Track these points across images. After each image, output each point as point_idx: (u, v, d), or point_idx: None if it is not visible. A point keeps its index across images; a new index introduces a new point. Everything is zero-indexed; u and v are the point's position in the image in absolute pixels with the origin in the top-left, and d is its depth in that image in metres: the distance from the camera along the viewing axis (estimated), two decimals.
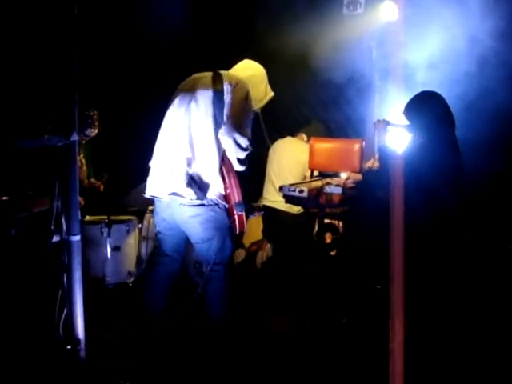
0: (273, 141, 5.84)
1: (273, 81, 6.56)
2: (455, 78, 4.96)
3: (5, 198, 3.01)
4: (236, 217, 3.28)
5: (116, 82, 6.30)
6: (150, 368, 3.12)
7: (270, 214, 5.53)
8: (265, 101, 3.54)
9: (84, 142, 5.15)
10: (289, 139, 5.63)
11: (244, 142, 3.18)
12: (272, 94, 3.57)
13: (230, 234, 3.33)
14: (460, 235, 4.55)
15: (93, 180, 5.32)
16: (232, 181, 3.25)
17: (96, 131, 5.05)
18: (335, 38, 5.82)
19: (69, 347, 2.63)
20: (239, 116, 3.18)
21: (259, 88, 3.46)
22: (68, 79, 2.59)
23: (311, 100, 7.06)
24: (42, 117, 4.93)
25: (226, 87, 3.22)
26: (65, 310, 2.67)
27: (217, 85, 3.22)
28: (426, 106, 3.66)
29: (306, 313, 4.24)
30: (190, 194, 3.20)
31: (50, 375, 2.58)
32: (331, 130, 6.52)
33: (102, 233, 4.54)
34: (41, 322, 2.83)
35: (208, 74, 3.35)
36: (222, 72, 3.37)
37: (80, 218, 2.72)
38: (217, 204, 3.27)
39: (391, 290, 3.38)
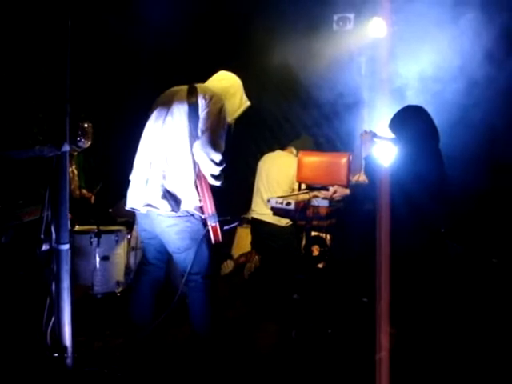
0: (262, 154, 5.93)
1: (264, 95, 6.71)
2: (442, 94, 5.06)
3: None
4: (210, 228, 3.32)
5: (108, 94, 6.38)
6: (136, 375, 3.16)
7: (259, 226, 5.58)
8: (240, 110, 3.55)
9: (76, 153, 5.20)
10: (278, 153, 5.71)
11: (217, 158, 3.19)
12: (248, 103, 3.58)
13: (206, 244, 3.37)
14: (445, 245, 4.64)
15: (84, 191, 5.36)
16: (205, 193, 3.27)
17: (89, 143, 5.10)
18: (325, 54, 5.93)
19: (56, 355, 2.67)
20: (213, 131, 3.20)
21: (235, 98, 3.49)
22: (60, 91, 2.65)
23: (301, 114, 7.18)
24: (33, 127, 5.02)
25: (201, 101, 3.25)
26: (53, 318, 2.71)
27: (191, 98, 3.26)
28: (411, 120, 3.75)
29: (292, 323, 4.29)
30: (164, 206, 3.25)
31: (37, 382, 2.61)
32: (321, 145, 6.63)
33: (91, 242, 4.57)
34: (29, 329, 2.85)
35: (184, 88, 3.39)
36: (198, 85, 3.40)
37: (69, 227, 2.77)
38: (192, 215, 3.31)
39: (378, 302, 3.44)
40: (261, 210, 5.48)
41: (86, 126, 5.01)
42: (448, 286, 4.15)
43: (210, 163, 3.21)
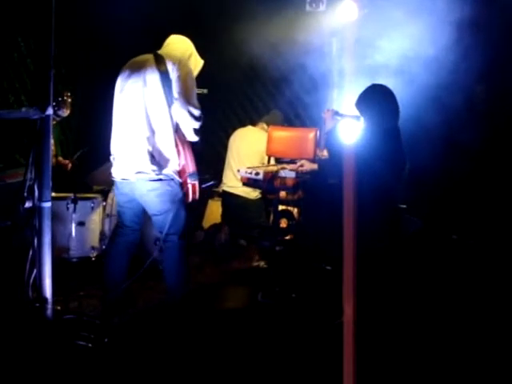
0: (234, 129, 6.13)
1: (236, 73, 6.89)
2: (410, 76, 5.26)
3: None
4: (190, 185, 3.59)
5: (83, 66, 6.50)
6: (113, 325, 3.36)
7: (229, 198, 5.81)
8: (198, 69, 3.80)
9: (55, 122, 5.33)
10: (249, 128, 5.91)
11: (197, 112, 3.50)
12: (202, 61, 3.82)
13: (183, 207, 3.63)
14: (405, 219, 4.88)
15: (60, 158, 5.50)
16: (187, 152, 3.56)
17: (68, 112, 5.25)
18: (298, 34, 6.10)
19: (37, 305, 2.87)
20: (188, 90, 3.49)
21: (191, 59, 3.74)
22: (44, 58, 2.82)
23: (273, 93, 7.38)
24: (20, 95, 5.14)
25: (171, 67, 3.49)
26: (34, 271, 2.90)
27: (161, 66, 3.50)
28: (376, 99, 3.93)
29: (258, 288, 4.54)
30: (154, 170, 3.49)
31: (20, 330, 2.79)
32: (291, 121, 6.87)
33: (67, 208, 4.73)
34: (11, 281, 3.03)
35: (149, 57, 3.61)
36: (161, 52, 3.64)
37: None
38: (172, 179, 3.57)
39: (343, 271, 3.66)
40: (231, 183, 5.70)
41: (65, 95, 5.16)
42: (406, 259, 4.40)
43: (191, 119, 3.49)
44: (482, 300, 4.24)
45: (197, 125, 3.55)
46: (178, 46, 3.75)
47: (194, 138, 3.60)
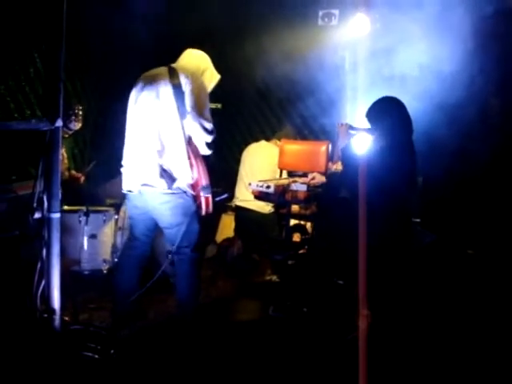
0: (247, 144, 6.15)
1: (251, 88, 6.92)
2: (422, 90, 5.26)
3: None
4: (203, 199, 3.57)
5: (98, 80, 6.58)
6: (119, 335, 3.35)
7: (242, 212, 5.80)
8: (213, 84, 3.81)
9: (67, 135, 5.39)
10: (262, 143, 5.92)
11: (209, 126, 3.51)
12: (218, 76, 3.83)
13: (196, 219, 3.61)
14: (418, 232, 4.83)
15: (73, 172, 5.55)
16: (200, 166, 3.55)
17: (80, 125, 5.30)
18: (311, 49, 6.13)
19: (45, 316, 2.88)
20: (200, 104, 3.50)
21: (206, 74, 3.75)
22: (53, 71, 2.85)
23: (287, 107, 7.40)
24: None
25: (183, 80, 3.50)
26: (43, 282, 2.91)
27: (174, 79, 3.50)
28: (387, 111, 3.89)
29: (270, 302, 4.51)
30: (161, 184, 3.49)
31: (28, 340, 2.80)
32: (305, 136, 6.88)
33: (79, 221, 4.77)
34: (21, 293, 3.04)
35: (163, 70, 3.62)
36: (175, 66, 3.66)
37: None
38: (185, 192, 3.55)
39: (354, 285, 3.62)
40: (244, 197, 5.69)
41: (77, 108, 5.21)
42: (419, 272, 4.35)
43: (203, 132, 3.50)
44: (497, 314, 4.18)
45: (209, 138, 3.56)
46: (193, 59, 3.77)
47: (207, 152, 3.61)
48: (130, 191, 3.66)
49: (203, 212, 3.61)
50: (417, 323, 3.90)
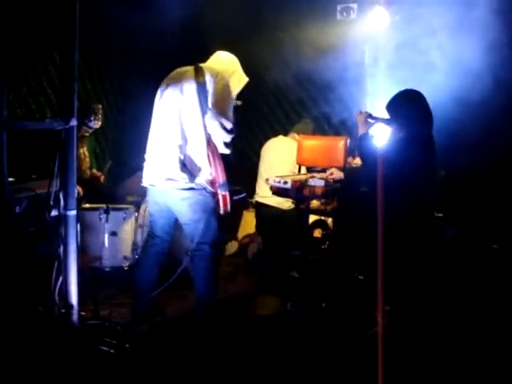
0: (267, 139, 6.16)
1: (270, 82, 6.92)
2: (444, 81, 5.20)
3: (11, 179, 3.30)
4: (220, 197, 3.60)
5: (118, 78, 6.66)
6: (138, 330, 3.40)
7: (262, 209, 5.80)
8: (241, 86, 3.83)
9: (88, 134, 5.47)
10: (280, 138, 5.91)
11: (229, 125, 3.52)
12: (246, 79, 3.85)
13: (215, 216, 3.65)
14: (439, 227, 4.77)
15: (94, 171, 5.63)
16: (217, 163, 3.57)
17: (99, 123, 5.38)
18: (330, 43, 6.11)
19: (63, 311, 2.93)
20: (222, 103, 3.52)
21: (234, 76, 3.77)
22: (67, 70, 2.90)
23: (306, 101, 7.39)
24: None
25: (208, 79, 3.54)
26: (60, 278, 2.97)
27: (199, 77, 3.55)
28: (407, 105, 3.85)
29: (288, 297, 4.52)
30: (184, 178, 3.53)
31: (46, 335, 2.86)
32: (324, 131, 6.85)
33: (100, 219, 4.83)
34: (39, 289, 3.10)
35: (190, 68, 3.67)
36: (202, 65, 3.70)
37: (76, 200, 3.03)
38: (204, 188, 3.59)
39: (374, 281, 3.62)
40: (264, 193, 5.68)
41: (96, 107, 5.29)
42: (441, 267, 4.31)
43: (222, 131, 3.52)
44: None
45: (228, 138, 3.58)
46: (222, 61, 3.81)
47: (225, 151, 3.64)
48: (151, 185, 3.70)
49: (221, 211, 3.63)
50: (438, 319, 3.87)
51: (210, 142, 3.57)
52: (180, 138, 3.57)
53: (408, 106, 3.84)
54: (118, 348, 2.83)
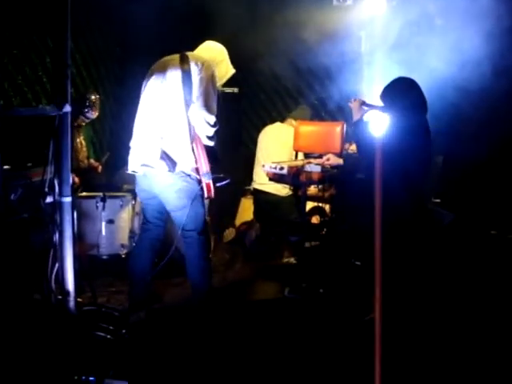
0: (264, 126, 6.15)
1: (266, 69, 6.89)
2: (441, 68, 5.18)
3: (6, 167, 3.30)
4: (204, 184, 3.61)
5: (114, 68, 6.64)
6: (134, 317, 3.41)
7: (260, 196, 5.81)
8: (227, 76, 3.85)
9: (85, 124, 5.46)
10: (277, 125, 5.91)
11: (212, 120, 3.54)
12: (233, 70, 3.86)
13: (201, 203, 3.68)
14: (437, 212, 4.77)
15: (92, 161, 5.63)
16: (200, 154, 3.59)
17: (96, 114, 5.37)
18: (326, 29, 6.08)
19: (59, 297, 2.94)
20: (207, 95, 3.51)
21: (222, 66, 3.77)
22: (61, 57, 2.89)
23: (303, 89, 7.37)
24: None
25: (194, 67, 3.53)
26: (56, 265, 2.97)
27: (184, 65, 3.54)
28: (402, 92, 3.88)
29: (286, 283, 4.53)
30: (161, 166, 3.53)
31: (42, 321, 2.86)
32: (321, 117, 6.84)
33: (97, 207, 4.84)
34: (36, 276, 3.10)
35: (176, 56, 3.66)
36: (189, 53, 3.68)
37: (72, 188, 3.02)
38: (189, 175, 3.60)
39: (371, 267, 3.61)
40: (261, 180, 5.68)
41: (93, 97, 5.28)
42: (438, 252, 4.31)
43: (205, 125, 3.53)
44: None
45: (211, 131, 3.60)
46: (209, 50, 3.80)
47: (209, 143, 3.65)
48: (133, 171, 3.72)
49: (205, 196, 3.65)
50: (435, 306, 3.87)
51: (193, 132, 3.57)
52: (162, 127, 3.56)
53: (404, 94, 3.87)
54: (114, 334, 2.84)
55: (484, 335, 3.60)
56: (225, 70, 3.79)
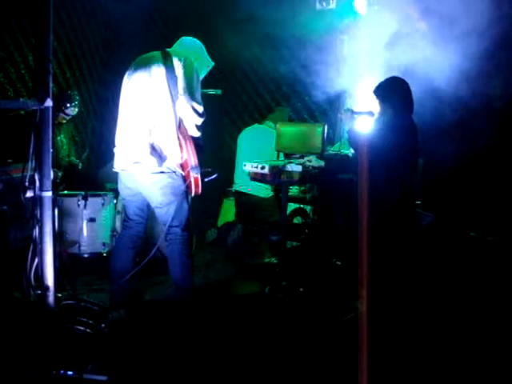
0: (239, 130, 6.18)
1: (249, 71, 6.93)
2: (422, 70, 5.23)
3: None
4: (192, 179, 3.62)
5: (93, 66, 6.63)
6: (115, 314, 3.40)
7: (241, 197, 5.84)
8: (206, 70, 3.91)
9: (65, 122, 5.45)
10: (256, 126, 5.94)
11: (200, 109, 3.57)
12: (212, 63, 3.93)
13: (186, 199, 3.70)
14: (416, 214, 4.82)
15: (73, 158, 5.62)
16: (188, 146, 3.61)
17: (76, 110, 5.36)
18: (308, 32, 6.13)
19: (39, 292, 2.93)
20: (193, 87, 3.57)
21: (201, 60, 3.83)
22: (42, 52, 2.89)
23: (285, 89, 7.41)
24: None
25: (176, 63, 3.58)
26: (36, 260, 2.96)
27: (167, 62, 3.59)
28: (394, 90, 4.11)
29: (267, 282, 4.55)
30: (152, 162, 3.55)
31: (21, 317, 2.85)
32: (304, 119, 6.89)
33: (78, 205, 4.84)
34: (15, 271, 3.09)
35: (157, 53, 3.70)
36: (169, 50, 3.73)
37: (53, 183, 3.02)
38: (174, 172, 3.62)
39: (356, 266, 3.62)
40: (242, 182, 5.72)
41: (72, 93, 5.27)
42: (419, 255, 4.35)
43: (194, 115, 3.56)
44: (498, 300, 4.16)
45: (199, 121, 3.62)
46: (188, 45, 3.85)
47: (196, 133, 3.67)
48: (122, 170, 3.72)
49: (192, 193, 3.67)
50: (416, 305, 3.90)
51: (180, 126, 3.60)
52: (149, 123, 3.59)
53: (397, 94, 4.10)
54: (94, 328, 2.83)
55: (463, 334, 3.65)
56: (205, 63, 3.86)
